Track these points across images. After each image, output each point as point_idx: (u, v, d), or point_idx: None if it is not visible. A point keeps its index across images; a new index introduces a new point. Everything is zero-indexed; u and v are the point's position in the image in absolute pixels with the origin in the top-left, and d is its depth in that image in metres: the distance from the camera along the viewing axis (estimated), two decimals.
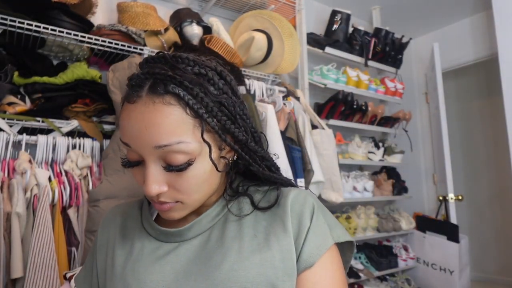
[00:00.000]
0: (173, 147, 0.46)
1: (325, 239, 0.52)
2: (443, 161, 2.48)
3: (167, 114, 0.45)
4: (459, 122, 3.68)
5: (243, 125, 0.53)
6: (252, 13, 1.94)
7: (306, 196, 0.56)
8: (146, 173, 0.48)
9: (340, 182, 1.90)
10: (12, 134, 1.27)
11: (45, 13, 1.37)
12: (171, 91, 0.46)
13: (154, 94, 0.46)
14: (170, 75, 0.46)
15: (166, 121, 0.45)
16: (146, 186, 0.48)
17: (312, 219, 0.53)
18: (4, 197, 1.11)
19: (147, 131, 0.46)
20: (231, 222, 0.55)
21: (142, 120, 0.46)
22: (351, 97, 2.23)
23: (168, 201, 0.50)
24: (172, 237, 0.55)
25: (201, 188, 0.50)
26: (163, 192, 0.49)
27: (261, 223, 0.54)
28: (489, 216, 3.45)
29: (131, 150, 0.49)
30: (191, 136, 0.47)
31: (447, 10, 2.78)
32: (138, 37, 1.57)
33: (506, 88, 2.12)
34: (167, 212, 0.51)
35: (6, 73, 1.31)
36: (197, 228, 0.55)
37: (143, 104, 0.46)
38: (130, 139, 0.48)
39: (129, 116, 0.47)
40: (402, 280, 2.43)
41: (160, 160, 0.48)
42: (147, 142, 0.46)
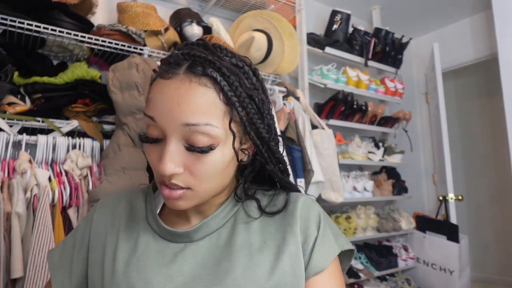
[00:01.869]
0: (200, 128, 0.46)
1: (332, 247, 0.54)
2: (443, 161, 2.48)
3: (201, 94, 0.46)
4: (459, 122, 3.68)
5: (268, 123, 0.54)
6: (252, 13, 1.94)
7: (313, 204, 0.57)
8: (165, 150, 0.47)
9: (340, 182, 1.90)
10: (12, 134, 1.27)
11: (45, 13, 1.37)
12: (209, 74, 0.47)
13: (192, 74, 0.47)
14: (210, 59, 0.47)
15: (199, 101, 0.46)
16: (162, 163, 0.46)
17: (320, 227, 0.54)
18: (4, 197, 1.11)
19: (179, 107, 0.46)
20: (239, 226, 0.55)
21: (177, 96, 0.46)
22: (351, 97, 2.23)
23: (179, 184, 0.48)
24: (179, 238, 0.54)
25: (215, 177, 0.50)
26: (177, 173, 0.48)
27: (269, 229, 0.55)
28: (489, 216, 3.45)
29: (154, 125, 0.48)
30: (220, 122, 0.47)
31: (447, 10, 2.78)
32: (138, 37, 1.57)
33: (506, 88, 2.12)
34: (175, 200, 0.49)
35: (6, 73, 1.31)
36: (205, 229, 0.54)
37: (180, 80, 0.47)
38: (158, 113, 0.47)
39: (162, 90, 0.47)
40: (402, 280, 2.43)
41: (182, 139, 0.47)
42: (177, 118, 0.46)
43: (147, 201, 0.61)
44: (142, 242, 0.55)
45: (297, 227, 0.53)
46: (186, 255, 0.52)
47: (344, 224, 2.14)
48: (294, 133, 1.73)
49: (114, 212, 0.61)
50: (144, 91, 1.39)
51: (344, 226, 2.14)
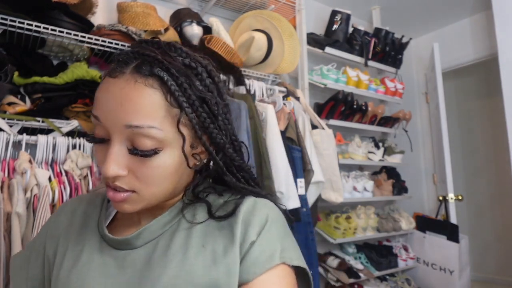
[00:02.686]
0: (143, 130, 0.44)
1: (270, 256, 0.47)
2: (443, 161, 2.48)
3: (146, 95, 0.44)
4: (459, 122, 3.68)
5: (224, 128, 0.51)
6: (252, 13, 1.94)
7: (262, 207, 0.51)
8: (109, 152, 0.45)
9: (340, 182, 1.90)
10: (12, 134, 1.27)
11: (45, 13, 1.37)
12: (156, 73, 0.45)
13: (138, 74, 0.45)
14: (159, 59, 0.45)
15: (143, 102, 0.44)
16: (105, 165, 0.45)
17: (260, 233, 0.49)
18: (4, 197, 1.11)
19: (121, 107, 0.44)
20: (182, 230, 0.51)
21: (120, 95, 0.44)
22: (351, 97, 2.23)
23: (124, 187, 0.46)
24: (121, 245, 0.52)
25: (162, 182, 0.47)
26: (121, 176, 0.46)
27: (212, 233, 0.50)
28: (489, 216, 3.45)
29: (100, 125, 0.46)
30: (165, 124, 0.45)
31: (447, 10, 2.78)
32: (138, 37, 1.57)
33: (506, 88, 2.12)
34: (120, 203, 0.48)
35: (6, 73, 1.31)
36: (146, 235, 0.51)
37: (125, 80, 0.45)
38: (102, 112, 0.45)
39: (107, 89, 0.45)
40: (402, 280, 2.43)
41: (127, 141, 0.45)
42: (119, 119, 0.44)
43: (103, 205, 0.59)
44: (87, 250, 0.53)
45: (238, 232, 0.48)
46: (125, 265, 0.50)
47: (344, 224, 2.14)
48: (294, 133, 1.73)
49: (72, 216, 0.59)
50: None
51: (344, 226, 2.14)
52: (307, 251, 1.61)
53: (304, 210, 1.63)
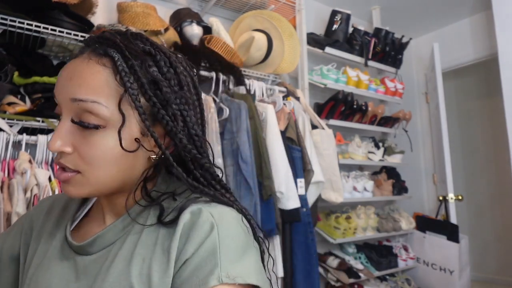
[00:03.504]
0: (87, 104, 0.44)
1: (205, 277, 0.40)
2: (443, 161, 2.48)
3: (95, 71, 0.45)
4: (459, 122, 3.68)
5: (180, 119, 0.48)
6: (252, 13, 1.94)
7: (208, 217, 0.44)
8: (57, 128, 0.45)
9: (340, 182, 1.90)
10: (12, 134, 1.27)
11: (45, 13, 1.37)
12: (109, 53, 0.46)
13: (94, 53, 0.46)
14: (116, 42, 0.46)
15: (91, 77, 0.45)
16: (51, 140, 0.45)
17: (199, 248, 0.42)
18: (4, 197, 1.11)
19: (70, 82, 0.45)
20: (131, 236, 0.48)
21: (72, 71, 0.46)
22: (351, 97, 2.23)
23: (68, 166, 0.45)
24: (78, 250, 0.50)
25: (106, 165, 0.45)
26: (65, 152, 0.45)
27: (157, 243, 0.46)
28: (489, 216, 3.45)
29: (57, 104, 0.47)
30: (111, 103, 0.45)
31: (447, 10, 2.78)
32: None
33: (506, 88, 2.12)
34: (65, 184, 0.47)
35: (6, 73, 1.31)
36: (101, 242, 0.49)
37: (80, 59, 0.46)
38: (56, 88, 0.47)
39: (65, 68, 0.47)
40: (402, 280, 2.43)
41: (73, 117, 0.46)
42: (66, 92, 0.45)
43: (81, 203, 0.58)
44: (52, 251, 0.52)
45: (175, 245, 0.43)
46: (80, 271, 0.48)
47: (344, 224, 2.14)
48: (294, 133, 1.73)
49: (49, 212, 0.59)
50: None
51: (344, 226, 2.14)
52: (307, 251, 1.61)
53: (304, 210, 1.63)
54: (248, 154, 1.47)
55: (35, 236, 0.56)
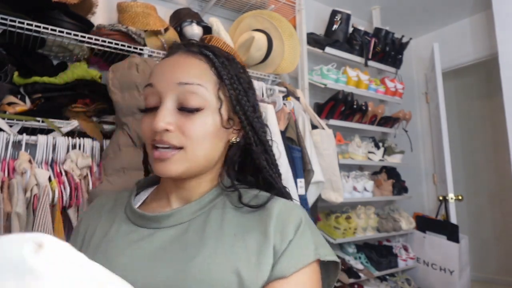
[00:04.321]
0: (193, 87, 0.52)
1: (306, 254, 0.51)
2: (443, 161, 2.48)
3: (195, 63, 0.55)
4: (459, 122, 3.68)
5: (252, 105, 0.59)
6: (252, 13, 1.94)
7: (295, 208, 0.56)
8: (160, 109, 0.52)
9: (340, 182, 1.90)
10: (12, 134, 1.27)
11: (45, 13, 1.37)
12: (203, 52, 0.56)
13: (189, 51, 0.56)
14: (205, 45, 0.57)
15: (193, 66, 0.54)
16: (155, 120, 0.50)
17: (297, 232, 0.52)
18: (4, 197, 1.11)
19: (174, 70, 0.54)
20: (214, 217, 0.55)
21: (174, 63, 0.55)
22: (351, 97, 2.23)
23: (171, 142, 0.51)
24: (149, 222, 0.55)
25: (205, 140, 0.53)
26: (169, 130, 0.51)
27: (243, 223, 0.54)
28: (489, 216, 3.45)
29: (152, 92, 0.54)
30: (209, 87, 0.54)
31: (447, 10, 2.78)
32: (138, 37, 1.57)
33: (506, 88, 2.12)
34: (166, 163, 0.52)
35: (6, 73, 1.31)
36: (177, 217, 0.55)
37: (178, 55, 0.56)
38: (156, 79, 0.54)
39: (162, 63, 0.56)
40: (402, 280, 2.43)
41: (176, 101, 0.53)
42: (173, 78, 0.53)
43: (131, 195, 0.63)
44: (114, 227, 0.57)
45: (271, 228, 0.52)
46: (153, 240, 0.53)
47: (344, 224, 2.14)
48: (294, 133, 1.73)
49: (101, 209, 0.63)
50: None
51: (344, 226, 2.14)
52: None
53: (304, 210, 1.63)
54: None
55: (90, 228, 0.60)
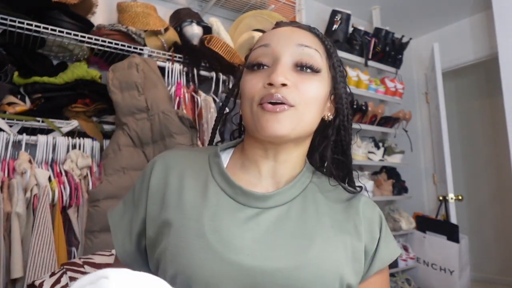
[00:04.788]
0: (311, 50, 0.54)
1: (395, 248, 0.58)
2: (443, 161, 2.47)
3: (310, 35, 0.57)
4: (459, 122, 3.68)
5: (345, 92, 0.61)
6: (252, 13, 1.94)
7: (374, 205, 0.61)
8: (278, 65, 0.52)
9: None
10: (12, 134, 1.27)
11: (45, 13, 1.38)
12: (313, 31, 0.58)
13: (300, 27, 0.58)
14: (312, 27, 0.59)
15: (309, 37, 0.56)
16: (274, 74, 0.51)
17: (382, 228, 0.58)
18: (4, 197, 1.11)
19: (294, 34, 0.55)
20: (310, 203, 0.56)
21: (290, 30, 0.56)
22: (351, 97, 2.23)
23: (287, 97, 0.51)
24: (253, 201, 0.53)
25: (314, 105, 0.54)
26: (287, 85, 0.51)
27: (336, 216, 0.56)
28: (489, 216, 3.45)
29: (265, 52, 0.54)
30: (323, 58, 0.56)
31: (447, 10, 2.78)
32: (138, 37, 1.57)
33: (506, 88, 2.12)
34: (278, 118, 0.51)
35: (6, 73, 1.31)
36: (279, 198, 0.54)
37: (291, 28, 0.57)
38: (274, 38, 0.55)
39: (275, 30, 0.57)
40: (402, 280, 2.43)
41: (294, 60, 0.53)
42: (292, 40, 0.54)
43: (210, 160, 0.59)
44: (212, 197, 0.53)
45: (361, 225, 0.55)
46: (260, 222, 0.52)
47: None
48: None
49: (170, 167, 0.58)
50: (144, 91, 1.39)
51: None
52: None
53: None
54: None
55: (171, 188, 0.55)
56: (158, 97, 1.40)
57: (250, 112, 0.53)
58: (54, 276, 0.69)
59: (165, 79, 1.53)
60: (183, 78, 1.60)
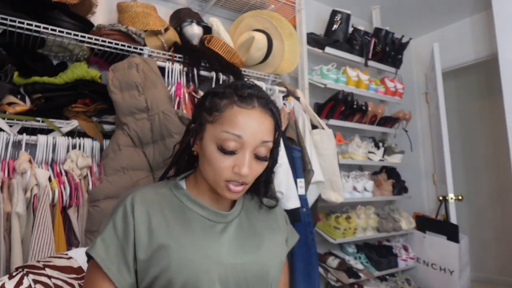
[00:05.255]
0: (268, 143, 0.72)
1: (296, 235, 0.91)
2: (443, 161, 2.47)
3: (269, 121, 0.72)
4: (459, 122, 3.68)
5: None
6: (252, 13, 1.94)
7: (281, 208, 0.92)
8: (245, 159, 0.68)
9: (340, 182, 1.90)
10: (12, 134, 1.27)
11: (45, 13, 1.37)
12: (270, 108, 0.73)
13: (263, 108, 0.71)
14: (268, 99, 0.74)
15: (269, 125, 0.72)
16: (243, 167, 0.68)
17: (287, 222, 0.90)
18: (4, 197, 1.11)
19: (260, 129, 0.70)
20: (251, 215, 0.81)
21: (260, 122, 0.70)
22: (351, 97, 2.23)
23: (246, 182, 0.70)
24: (221, 218, 0.75)
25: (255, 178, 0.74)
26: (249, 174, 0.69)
27: (266, 220, 0.84)
28: (489, 216, 3.45)
29: (236, 140, 0.68)
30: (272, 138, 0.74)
31: (447, 10, 2.78)
32: (138, 37, 1.57)
33: (506, 88, 2.12)
34: (235, 194, 0.70)
35: (6, 73, 1.31)
36: (233, 214, 0.77)
37: (258, 111, 0.70)
38: (245, 132, 0.68)
39: (249, 117, 0.69)
40: (402, 280, 2.43)
41: (255, 153, 0.70)
42: (259, 136, 0.69)
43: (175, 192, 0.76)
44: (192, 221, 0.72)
45: (280, 223, 0.86)
46: (228, 232, 0.73)
47: (344, 224, 2.14)
48: (294, 133, 1.73)
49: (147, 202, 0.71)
50: (144, 91, 1.39)
51: (344, 226, 2.13)
52: (307, 251, 1.61)
53: (304, 210, 1.63)
54: None
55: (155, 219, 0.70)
56: (158, 97, 1.40)
57: (213, 179, 0.71)
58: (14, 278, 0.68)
59: (165, 79, 1.53)
60: (183, 78, 1.60)
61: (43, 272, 0.72)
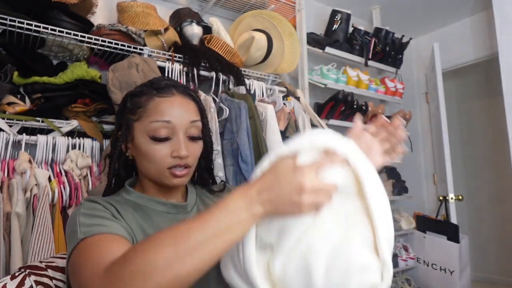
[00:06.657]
0: (197, 123, 0.74)
1: None
2: (443, 161, 2.47)
3: (192, 104, 0.76)
4: (459, 122, 3.68)
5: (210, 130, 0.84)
6: (252, 13, 1.94)
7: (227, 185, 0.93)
8: (179, 142, 0.70)
9: None
10: (12, 134, 1.27)
11: (45, 13, 1.37)
12: (189, 93, 0.77)
13: (182, 93, 0.75)
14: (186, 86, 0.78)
15: (192, 106, 0.75)
16: (181, 149, 0.69)
17: None
18: (4, 197, 1.11)
19: (186, 110, 0.73)
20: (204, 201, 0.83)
21: (182, 106, 0.73)
22: (351, 97, 2.23)
23: (188, 163, 0.71)
24: (182, 208, 0.76)
25: (197, 159, 0.76)
26: (188, 155, 0.71)
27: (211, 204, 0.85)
28: (489, 216, 3.45)
29: (166, 127, 0.70)
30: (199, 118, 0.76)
31: (447, 10, 2.78)
32: (138, 37, 1.57)
33: (506, 88, 2.12)
34: (182, 178, 0.72)
35: (6, 73, 1.31)
36: (190, 204, 0.79)
37: (179, 97, 0.73)
38: (172, 117, 0.70)
39: (172, 103, 0.72)
40: (402, 280, 2.42)
41: (185, 134, 0.72)
42: (186, 117, 0.72)
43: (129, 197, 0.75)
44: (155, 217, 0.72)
45: None
46: None
47: None
48: (294, 133, 1.73)
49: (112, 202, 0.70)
50: None
51: None
52: None
53: None
54: (248, 154, 1.47)
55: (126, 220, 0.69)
56: None
57: (156, 171, 0.71)
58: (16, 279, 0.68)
59: None
60: (183, 78, 1.60)
61: (45, 273, 0.72)
